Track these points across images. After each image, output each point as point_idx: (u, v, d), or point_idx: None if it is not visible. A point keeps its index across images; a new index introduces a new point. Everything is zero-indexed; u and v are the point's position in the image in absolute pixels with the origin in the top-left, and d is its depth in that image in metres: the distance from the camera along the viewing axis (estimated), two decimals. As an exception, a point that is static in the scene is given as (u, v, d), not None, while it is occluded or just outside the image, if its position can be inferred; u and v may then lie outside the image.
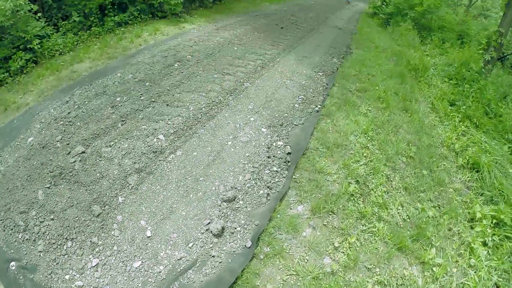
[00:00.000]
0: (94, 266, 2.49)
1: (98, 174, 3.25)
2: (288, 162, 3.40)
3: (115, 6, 7.37)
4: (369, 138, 4.02)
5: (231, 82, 4.99)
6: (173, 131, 3.78)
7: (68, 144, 3.67)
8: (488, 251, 2.94)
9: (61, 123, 4.02)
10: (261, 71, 5.54)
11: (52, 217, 2.83)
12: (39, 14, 6.13)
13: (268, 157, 3.45)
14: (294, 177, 3.26)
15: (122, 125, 3.92)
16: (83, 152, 3.52)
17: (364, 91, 5.23)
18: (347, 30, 9.60)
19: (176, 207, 2.91)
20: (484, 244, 3.01)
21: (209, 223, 2.76)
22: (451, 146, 4.48)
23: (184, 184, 3.14)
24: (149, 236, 2.68)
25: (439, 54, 8.82)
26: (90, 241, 2.65)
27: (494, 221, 3.24)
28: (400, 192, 3.35)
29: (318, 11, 12.43)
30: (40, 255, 2.59)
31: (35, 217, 2.85)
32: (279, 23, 9.23)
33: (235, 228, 2.74)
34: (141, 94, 4.50)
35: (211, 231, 2.68)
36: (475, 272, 2.73)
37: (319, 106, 4.56)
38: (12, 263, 2.56)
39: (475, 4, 14.10)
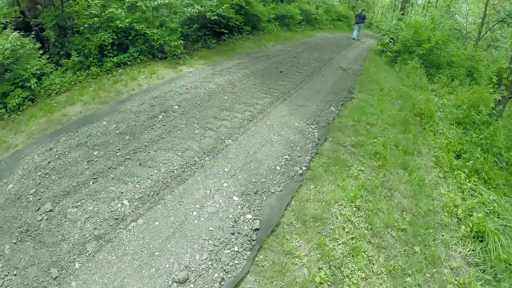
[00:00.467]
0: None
1: (60, 236, 3.18)
2: (254, 240, 3.07)
3: (115, 47, 7.41)
4: (355, 208, 3.62)
5: (212, 139, 4.74)
6: (139, 197, 3.57)
7: (39, 199, 3.64)
8: None
9: (39, 173, 4.01)
10: (247, 125, 5.27)
11: (15, 272, 2.85)
12: (41, 52, 6.29)
13: (232, 234, 3.14)
14: (256, 259, 2.91)
15: (93, 183, 3.81)
16: (50, 210, 3.46)
17: (360, 146, 4.89)
18: (351, 71, 9.32)
19: (127, 282, 2.71)
20: None
21: (154, 305, 2.49)
22: (453, 210, 4.01)
23: (139, 257, 2.92)
24: (97, 310, 2.50)
25: (447, 93, 8.45)
26: (45, 304, 2.56)
27: (494, 308, 2.78)
28: (381, 278, 2.92)
29: (323, 50, 12.25)
30: (1, 310, 2.63)
31: (0, 269, 2.87)
32: (280, 66, 9.03)
33: (178, 317, 2.44)
34: (118, 149, 4.37)
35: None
36: None
37: (303, 169, 4.22)
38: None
39: (484, 35, 13.72)
